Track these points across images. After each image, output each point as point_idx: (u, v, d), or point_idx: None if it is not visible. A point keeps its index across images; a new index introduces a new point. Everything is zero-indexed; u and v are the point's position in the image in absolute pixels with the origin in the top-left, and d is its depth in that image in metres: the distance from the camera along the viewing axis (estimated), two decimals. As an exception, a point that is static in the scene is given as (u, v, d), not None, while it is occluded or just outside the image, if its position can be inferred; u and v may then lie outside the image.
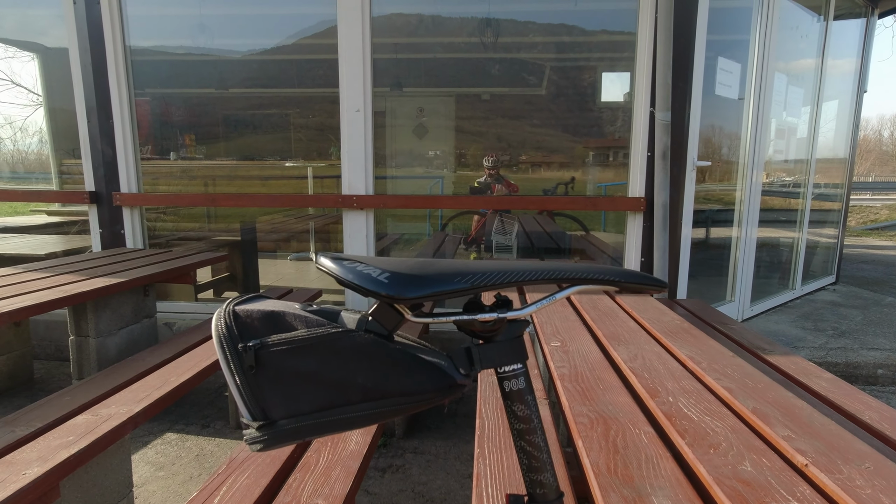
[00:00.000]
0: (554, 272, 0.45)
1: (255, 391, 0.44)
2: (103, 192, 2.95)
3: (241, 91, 3.38)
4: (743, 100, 3.27)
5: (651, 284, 0.46)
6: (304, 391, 0.44)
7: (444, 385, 0.44)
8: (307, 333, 0.44)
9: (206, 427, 2.24)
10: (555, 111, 3.41)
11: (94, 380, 1.55)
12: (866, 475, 0.79)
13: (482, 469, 0.78)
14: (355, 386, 0.44)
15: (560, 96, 3.33)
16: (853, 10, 4.35)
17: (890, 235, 8.52)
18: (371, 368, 0.44)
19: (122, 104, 2.90)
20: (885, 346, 3.02)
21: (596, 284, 0.45)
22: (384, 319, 0.45)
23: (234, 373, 0.44)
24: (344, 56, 2.73)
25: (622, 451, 0.86)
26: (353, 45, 2.71)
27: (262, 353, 0.44)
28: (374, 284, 0.42)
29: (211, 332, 0.43)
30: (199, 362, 1.72)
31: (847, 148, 4.66)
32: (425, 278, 0.43)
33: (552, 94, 3.30)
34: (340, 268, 0.44)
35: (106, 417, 1.33)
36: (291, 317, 0.45)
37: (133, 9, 2.90)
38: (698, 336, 1.47)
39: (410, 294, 0.42)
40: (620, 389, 1.11)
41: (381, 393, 0.44)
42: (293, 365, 0.44)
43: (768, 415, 0.99)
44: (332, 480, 1.09)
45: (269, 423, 0.44)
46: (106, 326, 2.24)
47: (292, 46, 3.22)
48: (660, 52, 2.61)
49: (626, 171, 2.88)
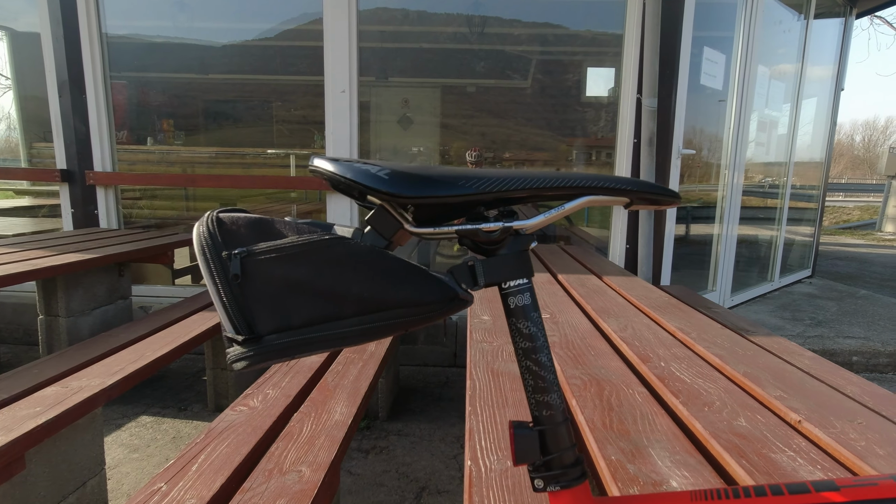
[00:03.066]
0: (565, 179, 0.42)
1: (240, 303, 0.40)
2: (76, 171, 2.84)
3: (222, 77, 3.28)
4: (724, 101, 3.31)
5: (666, 195, 0.44)
6: (295, 303, 0.41)
7: (446, 297, 0.41)
8: (298, 240, 0.40)
9: (184, 410, 2.17)
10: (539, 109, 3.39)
11: (64, 353, 1.48)
12: (859, 429, 0.79)
13: (474, 425, 0.76)
14: (350, 297, 0.40)
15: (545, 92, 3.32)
16: (833, 10, 4.44)
17: (862, 234, 8.76)
18: (367, 278, 0.40)
19: (97, 79, 2.79)
20: (859, 335, 3.08)
21: (609, 195, 0.43)
22: (381, 227, 0.42)
23: (217, 283, 0.40)
24: (329, 36, 2.67)
25: (616, 408, 0.84)
26: (340, 35, 2.65)
27: (248, 261, 0.40)
28: (373, 181, 0.39)
29: (193, 242, 0.39)
30: (177, 338, 1.65)
31: (824, 150, 4.76)
32: (429, 179, 0.40)
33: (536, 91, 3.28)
34: (336, 165, 0.40)
35: (77, 389, 1.27)
36: (281, 224, 0.42)
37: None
38: (686, 311, 1.47)
39: (413, 192, 0.39)
40: (612, 355, 1.09)
41: (378, 305, 0.41)
42: (282, 275, 0.40)
43: (760, 378, 0.98)
44: (316, 448, 1.05)
45: (255, 337, 0.40)
46: (78, 306, 2.15)
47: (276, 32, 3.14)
48: (647, 39, 2.62)
49: (610, 169, 2.88)
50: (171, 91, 3.18)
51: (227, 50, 3.16)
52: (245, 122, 3.31)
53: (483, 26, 3.13)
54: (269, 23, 3.06)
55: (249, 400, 1.25)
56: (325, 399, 1.27)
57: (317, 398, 1.28)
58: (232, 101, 3.29)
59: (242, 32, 3.08)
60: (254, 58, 3.19)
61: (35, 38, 2.81)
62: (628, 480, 0.64)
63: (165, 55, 3.08)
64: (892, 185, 8.76)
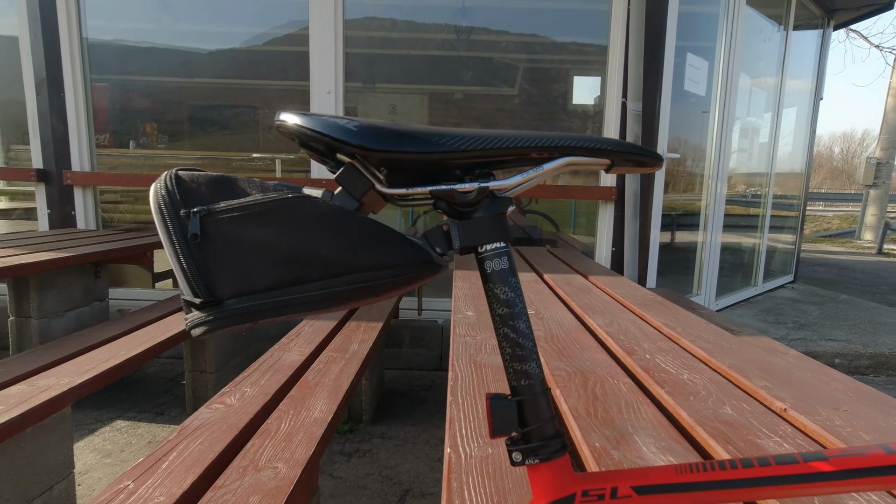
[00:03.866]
0: (544, 139, 0.40)
1: (199, 265, 0.38)
2: (52, 171, 2.77)
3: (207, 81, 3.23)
4: (707, 113, 3.36)
5: (649, 156, 0.42)
6: (258, 265, 0.38)
7: (419, 260, 0.39)
8: (263, 198, 0.38)
9: (161, 414, 2.11)
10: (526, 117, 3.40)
11: (33, 352, 1.43)
12: (844, 416, 0.78)
13: (455, 413, 0.73)
14: (317, 259, 0.38)
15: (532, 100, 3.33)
16: (811, 21, 4.55)
17: (842, 242, 8.93)
18: (335, 239, 0.38)
19: (76, 78, 2.74)
20: (841, 338, 3.12)
21: (591, 156, 0.41)
22: (351, 186, 0.40)
23: (175, 244, 0.38)
24: (315, 37, 2.66)
25: (601, 398, 0.82)
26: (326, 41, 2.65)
27: (208, 220, 0.38)
28: (341, 133, 0.37)
29: (150, 201, 0.37)
30: (153, 337, 1.61)
31: (804, 161, 4.86)
32: (401, 133, 0.38)
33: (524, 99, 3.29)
34: (303, 118, 0.38)
35: (44, 388, 1.22)
36: (245, 182, 0.40)
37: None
38: (671, 307, 1.46)
39: (384, 146, 0.37)
40: (597, 349, 1.08)
41: (347, 267, 0.38)
42: (245, 235, 0.38)
43: (745, 369, 0.97)
44: (293, 445, 1.01)
45: (214, 301, 0.38)
46: (51, 307, 2.09)
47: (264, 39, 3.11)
48: (632, 45, 2.64)
49: (595, 178, 2.89)
50: (155, 94, 3.13)
51: (213, 55, 3.13)
52: (231, 127, 3.27)
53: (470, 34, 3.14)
54: (256, 29, 3.04)
55: (226, 398, 1.20)
56: (305, 397, 1.24)
57: (296, 396, 1.24)
58: (217, 106, 3.25)
59: (229, 38, 3.05)
60: (240, 63, 3.16)
61: (13, 41, 2.75)
62: (613, 466, 0.62)
63: (149, 58, 3.03)
64: (870, 194, 8.96)
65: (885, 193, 8.89)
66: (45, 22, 2.69)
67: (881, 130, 8.87)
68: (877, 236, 8.34)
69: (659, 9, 2.68)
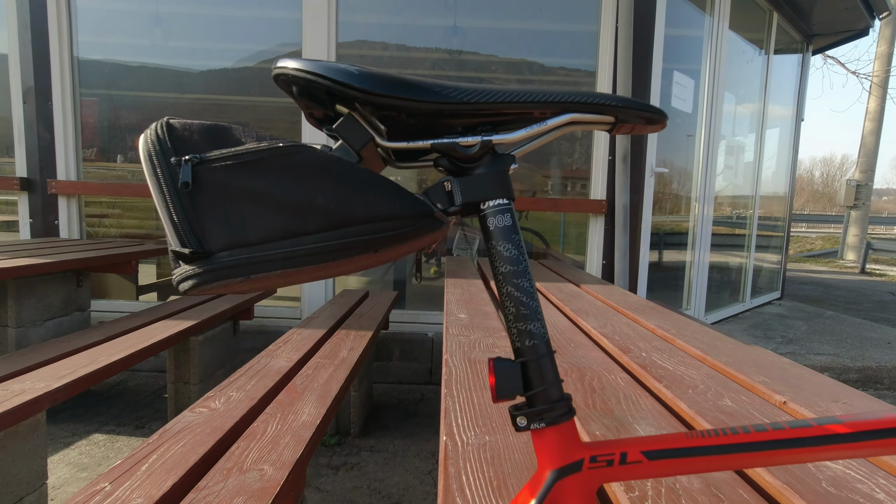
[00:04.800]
0: (547, 95, 0.40)
1: (189, 216, 0.36)
2: (37, 179, 2.73)
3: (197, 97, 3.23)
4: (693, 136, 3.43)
5: (654, 112, 0.42)
6: (252, 216, 0.36)
7: (420, 212, 0.38)
8: (257, 147, 0.37)
9: (141, 428, 2.03)
10: None
11: (8, 357, 1.37)
12: (844, 408, 0.77)
13: (450, 405, 0.71)
14: (314, 209, 0.37)
15: None
16: (791, 46, 4.71)
17: (825, 262, 9.08)
18: (333, 189, 0.37)
19: (65, 87, 2.72)
20: (828, 352, 3.14)
21: (594, 112, 0.40)
22: (350, 137, 0.38)
23: (165, 192, 0.36)
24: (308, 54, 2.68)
25: (599, 391, 0.80)
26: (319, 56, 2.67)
27: (200, 168, 0.36)
28: (344, 76, 0.36)
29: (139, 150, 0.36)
30: (134, 343, 1.56)
31: (787, 182, 4.96)
32: (404, 81, 0.37)
33: None
34: (304, 62, 0.37)
35: (17, 392, 1.17)
36: (240, 131, 0.38)
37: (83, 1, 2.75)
38: (664, 312, 1.46)
39: (386, 90, 0.36)
40: (592, 347, 1.06)
41: (345, 218, 0.37)
42: (239, 184, 0.36)
43: (742, 366, 0.96)
44: (280, 448, 0.97)
45: (204, 253, 0.36)
46: (29, 316, 2.02)
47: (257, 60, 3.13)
48: (620, 64, 2.70)
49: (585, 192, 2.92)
50: (145, 110, 3.11)
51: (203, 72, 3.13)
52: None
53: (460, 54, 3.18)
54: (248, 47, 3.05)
55: (211, 402, 1.16)
56: (293, 401, 1.20)
57: (284, 400, 1.20)
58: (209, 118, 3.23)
59: (221, 55, 3.06)
60: (231, 80, 3.16)
61: (2, 58, 2.72)
62: (614, 453, 0.60)
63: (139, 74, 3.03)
64: (851, 215, 9.16)
65: (866, 214, 9.09)
66: (36, 32, 2.68)
67: (859, 153, 9.13)
68: (859, 256, 8.50)
69: (646, 31, 2.75)
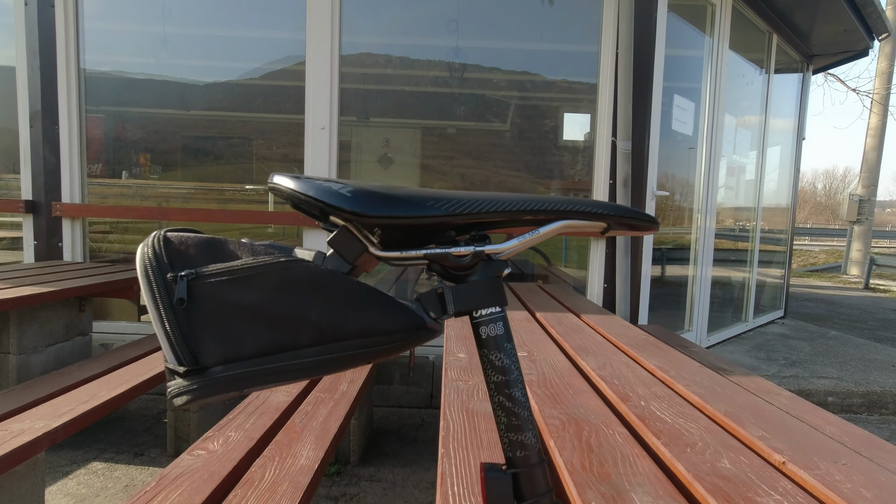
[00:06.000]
0: (540, 203, 0.40)
1: (184, 330, 0.36)
2: (41, 202, 2.75)
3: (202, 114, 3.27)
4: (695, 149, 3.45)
5: (644, 220, 0.42)
6: (246, 331, 0.37)
7: (412, 325, 0.38)
8: (253, 262, 0.37)
9: (140, 455, 2.03)
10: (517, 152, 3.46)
11: (8, 393, 1.38)
12: (844, 471, 0.77)
13: (447, 468, 0.71)
14: (308, 325, 0.37)
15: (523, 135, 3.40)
16: (791, 66, 4.73)
17: (829, 277, 9.04)
18: (327, 304, 0.37)
19: (71, 111, 2.75)
20: (832, 375, 3.11)
21: (586, 219, 0.41)
22: (344, 250, 0.39)
23: (160, 308, 0.36)
24: (311, 76, 2.71)
25: (596, 450, 0.80)
26: (321, 66, 2.70)
27: (196, 284, 0.37)
28: (335, 198, 0.36)
29: (136, 264, 0.36)
30: (135, 376, 1.56)
31: (789, 196, 4.97)
32: (395, 198, 0.37)
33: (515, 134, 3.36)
34: (296, 182, 0.38)
35: (17, 433, 1.17)
36: (235, 245, 0.39)
37: (90, 23, 2.80)
38: (664, 349, 1.45)
39: (378, 212, 0.37)
40: (591, 394, 1.06)
41: (338, 334, 0.37)
42: (234, 299, 0.37)
43: (741, 417, 0.96)
44: (277, 496, 0.97)
45: (199, 369, 0.36)
46: (31, 342, 2.03)
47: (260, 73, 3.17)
48: (621, 87, 2.72)
49: None
50: (150, 126, 3.15)
51: (208, 87, 3.17)
52: (225, 159, 3.28)
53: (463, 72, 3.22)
54: (252, 63, 3.09)
55: (209, 443, 1.16)
56: (291, 442, 1.20)
57: (282, 441, 1.20)
58: (212, 138, 3.27)
59: (225, 71, 3.10)
60: (236, 96, 3.20)
61: (9, 71, 2.77)
62: (610, 529, 0.59)
63: (145, 90, 3.07)
64: (854, 230, 9.14)
65: (869, 229, 9.07)
66: (44, 56, 2.72)
67: (862, 169, 9.13)
68: (862, 271, 8.46)
69: (646, 52, 2.77)
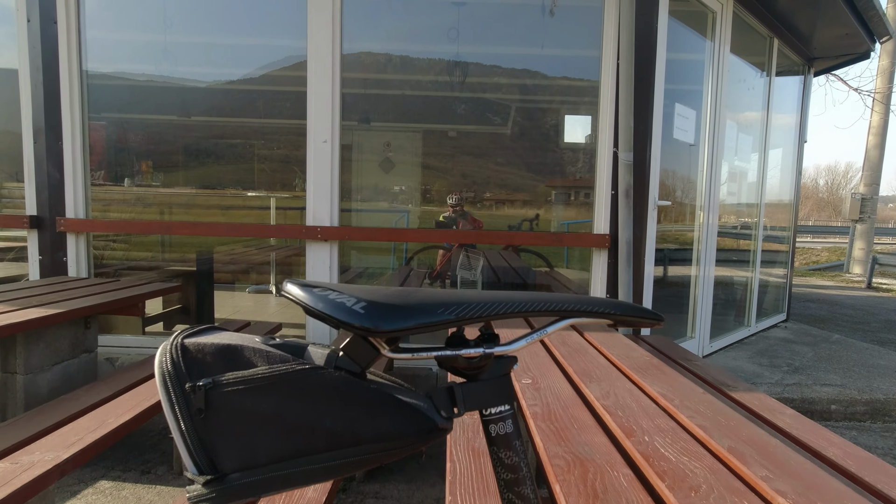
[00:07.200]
0: (548, 304, 0.41)
1: (203, 439, 0.37)
2: (46, 217, 2.76)
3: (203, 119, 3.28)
4: (696, 145, 3.45)
5: (649, 318, 0.43)
6: (263, 438, 0.38)
7: (424, 428, 0.39)
8: (268, 371, 0.38)
9: (147, 473, 2.05)
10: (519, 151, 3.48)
11: (17, 422, 1.39)
12: (847, 518, 0.77)
13: (455, 520, 0.72)
14: (322, 431, 0.38)
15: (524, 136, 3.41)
16: (792, 68, 4.72)
17: (831, 276, 9.04)
18: (341, 411, 0.38)
19: (75, 126, 2.76)
20: (836, 382, 3.12)
21: (591, 318, 0.42)
22: (357, 355, 0.40)
23: (178, 418, 0.37)
24: (312, 90, 2.71)
25: (602, 495, 0.81)
26: (323, 80, 2.70)
27: (213, 393, 0.38)
28: (348, 315, 0.37)
29: (154, 371, 0.37)
30: (142, 401, 1.57)
31: (791, 193, 4.97)
32: (406, 309, 0.38)
33: (516, 134, 3.37)
34: (310, 295, 0.39)
35: (27, 466, 1.18)
36: (250, 351, 0.40)
37: (92, 32, 2.81)
38: (667, 372, 1.46)
39: (389, 326, 0.37)
40: (595, 429, 1.07)
41: (353, 439, 0.38)
42: (250, 407, 0.38)
43: (744, 454, 0.97)
44: (286, 534, 0.99)
45: (218, 477, 0.37)
46: (37, 361, 2.04)
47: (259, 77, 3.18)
48: (622, 97, 2.72)
49: (589, 209, 2.94)
50: (152, 132, 3.16)
51: (209, 92, 3.18)
52: (226, 163, 3.30)
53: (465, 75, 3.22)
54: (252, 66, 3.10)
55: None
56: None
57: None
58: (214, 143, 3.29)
59: (225, 75, 3.11)
60: (236, 100, 3.21)
61: (10, 74, 2.78)
62: (616, 589, 0.60)
63: (147, 97, 3.08)
64: (857, 228, 9.12)
65: (871, 228, 9.05)
66: (47, 71, 2.72)
67: (864, 167, 9.10)
68: (865, 270, 8.46)
69: (648, 63, 2.77)
